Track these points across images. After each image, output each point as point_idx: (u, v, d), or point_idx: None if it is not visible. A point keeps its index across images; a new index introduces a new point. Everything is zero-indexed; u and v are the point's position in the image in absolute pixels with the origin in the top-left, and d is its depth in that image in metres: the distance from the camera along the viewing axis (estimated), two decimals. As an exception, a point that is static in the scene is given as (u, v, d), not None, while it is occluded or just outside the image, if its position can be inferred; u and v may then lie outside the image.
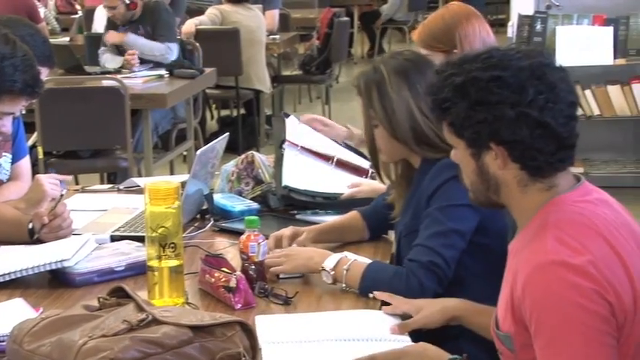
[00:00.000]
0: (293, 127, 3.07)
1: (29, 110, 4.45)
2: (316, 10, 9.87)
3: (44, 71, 2.80)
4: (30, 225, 2.51)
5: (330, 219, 2.66)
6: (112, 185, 3.51)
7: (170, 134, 5.74)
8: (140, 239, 2.35)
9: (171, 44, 5.80)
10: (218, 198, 2.84)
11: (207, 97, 7.17)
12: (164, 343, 1.58)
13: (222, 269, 2.16)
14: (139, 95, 5.04)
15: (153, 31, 5.76)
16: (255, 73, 7.17)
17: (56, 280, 2.29)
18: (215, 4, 7.74)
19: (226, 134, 2.95)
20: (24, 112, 2.75)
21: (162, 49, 5.73)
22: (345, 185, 2.90)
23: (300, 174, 2.91)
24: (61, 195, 2.60)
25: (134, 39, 5.74)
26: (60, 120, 4.78)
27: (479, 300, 2.06)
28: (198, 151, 2.68)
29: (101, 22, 6.32)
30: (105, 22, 6.06)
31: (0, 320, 1.95)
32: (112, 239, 2.56)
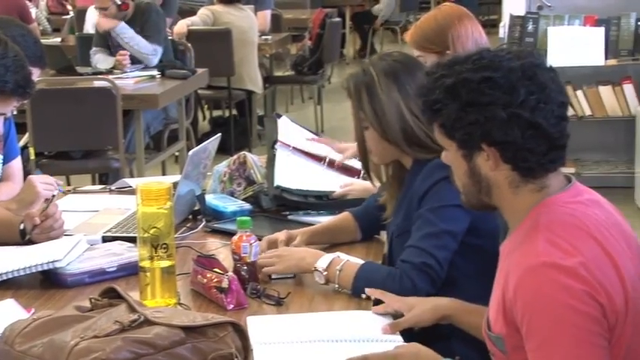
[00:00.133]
0: (285, 127, 3.07)
1: (21, 111, 4.44)
2: (308, 11, 9.87)
3: (36, 72, 2.80)
4: (21, 226, 2.51)
5: (323, 219, 2.66)
6: (103, 186, 3.51)
7: (162, 135, 5.73)
8: (132, 240, 2.35)
9: (158, 47, 5.77)
10: (210, 199, 2.84)
11: (199, 97, 7.16)
12: (156, 343, 1.58)
13: (214, 270, 2.16)
14: (130, 96, 5.03)
15: (141, 32, 5.75)
16: (248, 73, 7.17)
17: (48, 281, 2.29)
18: (207, 4, 7.73)
19: (218, 135, 2.94)
20: (15, 112, 2.75)
21: (150, 49, 5.71)
22: (337, 185, 2.90)
23: (292, 174, 2.91)
24: (53, 196, 2.60)
25: (126, 28, 5.70)
26: (51, 121, 4.77)
27: (471, 300, 2.06)
28: (190, 152, 2.67)
29: (93, 22, 6.30)
30: (96, 21, 6.03)
31: (-8, 321, 1.95)
32: (104, 240, 2.55)
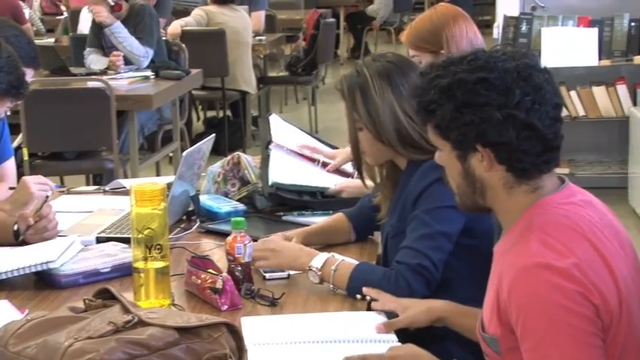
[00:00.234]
0: (278, 127, 3.07)
1: (14, 111, 4.41)
2: (302, 12, 9.88)
3: (29, 72, 2.80)
4: (15, 227, 2.50)
5: (317, 220, 2.66)
6: (97, 187, 3.50)
7: (156, 135, 5.72)
8: (126, 241, 2.35)
9: (149, 50, 5.76)
10: (204, 199, 2.84)
11: (194, 98, 7.16)
12: (150, 344, 1.58)
13: (209, 271, 2.16)
14: (124, 96, 5.02)
15: (134, 34, 5.74)
16: (242, 74, 7.16)
17: (42, 282, 2.29)
18: (201, 5, 7.73)
19: (212, 135, 2.94)
20: (9, 113, 2.75)
21: (142, 51, 5.70)
22: (332, 182, 2.90)
23: (287, 170, 2.91)
24: (47, 196, 2.60)
25: (121, 28, 5.69)
26: (45, 121, 4.76)
27: (466, 301, 2.06)
28: (184, 153, 2.67)
29: (86, 23, 6.30)
30: (90, 23, 6.03)
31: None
32: (98, 241, 2.55)
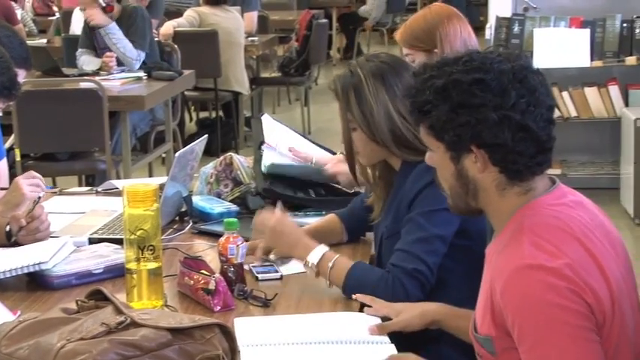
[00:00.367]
0: (270, 127, 3.08)
1: (6, 112, 4.40)
2: (295, 12, 9.87)
3: (21, 73, 2.79)
4: (7, 227, 2.50)
5: (310, 221, 2.66)
6: (90, 187, 3.50)
7: (148, 136, 5.72)
8: (118, 242, 2.34)
9: (141, 52, 5.74)
10: (197, 200, 2.83)
11: (186, 99, 7.15)
12: (143, 345, 1.58)
13: (201, 271, 2.15)
14: (117, 97, 5.02)
15: (126, 36, 5.73)
16: (234, 75, 7.16)
17: (34, 283, 2.28)
18: (194, 5, 7.72)
19: (205, 136, 2.94)
20: (1, 114, 2.74)
21: (134, 53, 5.69)
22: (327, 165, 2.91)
23: (282, 158, 2.94)
24: (39, 197, 2.59)
25: (116, 29, 5.68)
26: (37, 122, 4.76)
27: (461, 301, 2.06)
28: (177, 153, 2.67)
29: (79, 23, 6.29)
30: (82, 23, 6.02)
31: (-23, 324, 1.94)
32: (90, 242, 2.54)
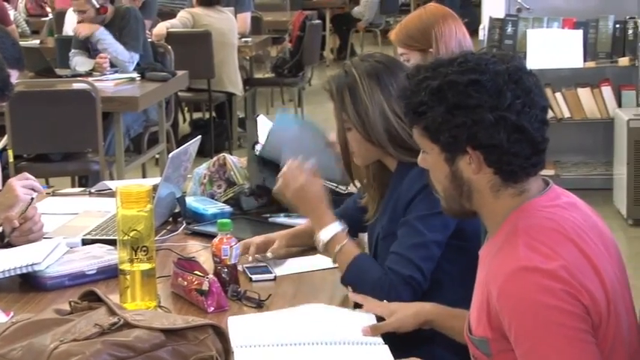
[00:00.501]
0: (265, 127, 3.07)
1: (-1, 113, 4.42)
2: (288, 13, 9.87)
3: (14, 74, 2.79)
4: (0, 229, 2.49)
5: (303, 221, 2.65)
6: (83, 188, 3.50)
7: (142, 137, 5.71)
8: (112, 243, 2.34)
9: (134, 54, 5.73)
10: (190, 201, 2.83)
11: (180, 99, 7.15)
12: (136, 346, 1.58)
13: (195, 272, 2.15)
14: (110, 98, 5.01)
15: (119, 37, 5.72)
16: (228, 75, 7.15)
17: (27, 284, 2.28)
18: (187, 6, 7.72)
19: (199, 137, 2.94)
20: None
21: (127, 56, 5.68)
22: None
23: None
24: (32, 198, 2.59)
25: (105, 34, 5.68)
26: (31, 123, 4.75)
27: (455, 302, 2.06)
28: (171, 154, 2.67)
29: (72, 24, 6.27)
30: (75, 24, 6.01)
31: (-30, 325, 1.93)
32: (84, 243, 2.54)
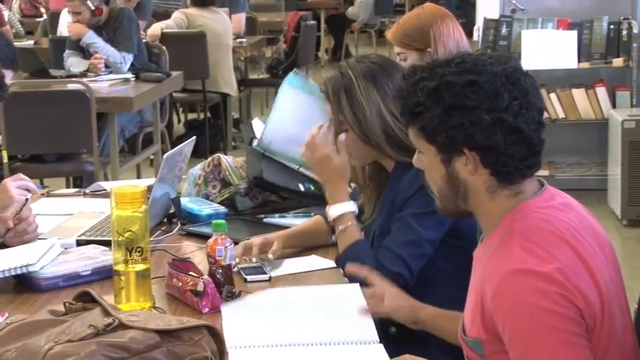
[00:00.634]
0: (260, 129, 3.08)
1: (-7, 114, 4.41)
2: (283, 14, 9.86)
3: (8, 74, 2.78)
4: (-6, 230, 2.49)
5: (298, 222, 2.66)
6: (77, 189, 3.49)
7: (137, 138, 5.71)
8: (106, 243, 2.34)
9: (128, 55, 5.72)
10: (185, 202, 2.83)
11: (174, 100, 7.14)
12: (131, 347, 1.57)
13: (190, 273, 2.15)
14: (105, 99, 5.01)
15: (113, 37, 5.72)
16: (222, 76, 7.15)
17: (21, 285, 2.27)
18: (182, 7, 7.72)
19: (193, 138, 2.94)
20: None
21: (118, 57, 5.68)
22: None
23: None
24: (27, 199, 2.58)
25: (94, 39, 5.68)
26: (25, 124, 4.74)
27: (450, 301, 2.05)
28: (165, 155, 2.67)
29: (66, 25, 6.27)
30: (69, 25, 6.00)
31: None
32: (78, 243, 2.54)
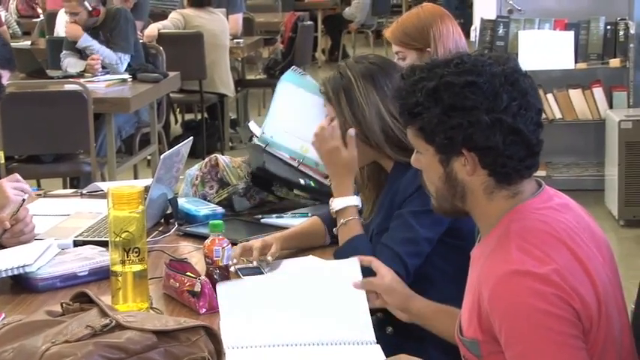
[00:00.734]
0: (256, 131, 3.08)
1: (-10, 114, 4.41)
2: (280, 14, 9.87)
3: (5, 74, 2.78)
4: (-9, 230, 2.49)
5: (295, 222, 2.65)
6: (75, 190, 3.49)
7: (134, 138, 5.71)
8: (104, 244, 2.34)
9: (124, 55, 5.73)
10: (182, 202, 2.83)
11: (171, 101, 7.14)
12: (128, 348, 1.57)
13: (187, 274, 2.15)
14: (102, 99, 5.01)
15: (110, 38, 5.71)
16: (219, 77, 7.15)
17: (18, 286, 2.27)
18: (178, 7, 7.72)
19: (190, 138, 2.94)
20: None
21: (114, 58, 5.68)
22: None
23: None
24: (23, 200, 2.58)
25: (89, 42, 5.68)
26: (22, 124, 4.74)
27: (447, 299, 2.05)
28: (162, 155, 2.67)
29: (63, 25, 6.27)
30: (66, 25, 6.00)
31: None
32: (75, 244, 2.54)
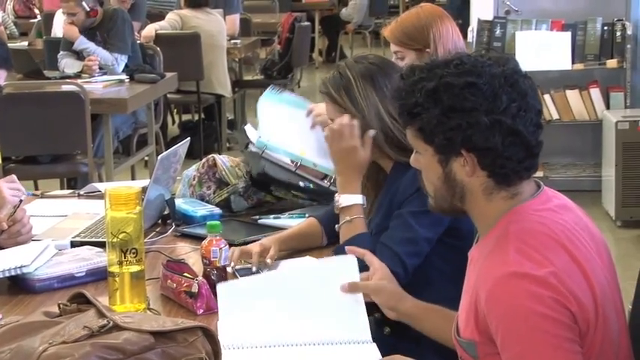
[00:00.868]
0: (255, 137, 3.08)
1: (-13, 115, 4.40)
2: (277, 15, 9.86)
3: (2, 74, 2.78)
4: (-12, 231, 2.49)
5: (293, 223, 2.65)
6: (72, 190, 3.48)
7: (131, 139, 5.70)
8: (101, 245, 2.34)
9: (121, 56, 5.73)
10: (180, 203, 2.83)
11: (169, 101, 7.14)
12: (125, 349, 1.57)
13: (184, 274, 2.15)
14: (99, 100, 5.00)
15: (107, 38, 5.71)
16: (217, 77, 7.15)
17: (16, 287, 2.27)
18: (176, 8, 7.71)
19: (188, 139, 2.93)
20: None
21: (110, 59, 5.67)
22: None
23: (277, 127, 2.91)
24: (20, 201, 2.58)
25: (85, 44, 5.68)
26: (19, 125, 4.74)
27: (445, 299, 2.05)
28: (160, 156, 2.66)
29: (61, 26, 6.26)
30: (64, 26, 6.00)
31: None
32: (73, 245, 2.54)
